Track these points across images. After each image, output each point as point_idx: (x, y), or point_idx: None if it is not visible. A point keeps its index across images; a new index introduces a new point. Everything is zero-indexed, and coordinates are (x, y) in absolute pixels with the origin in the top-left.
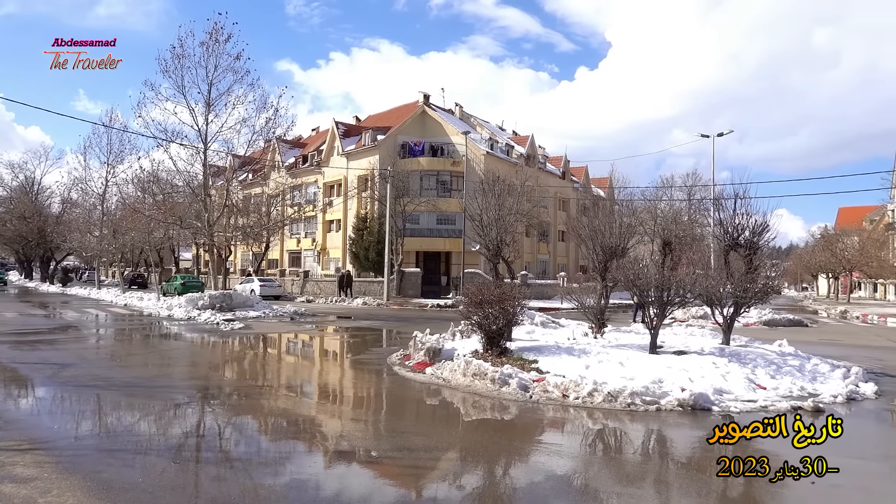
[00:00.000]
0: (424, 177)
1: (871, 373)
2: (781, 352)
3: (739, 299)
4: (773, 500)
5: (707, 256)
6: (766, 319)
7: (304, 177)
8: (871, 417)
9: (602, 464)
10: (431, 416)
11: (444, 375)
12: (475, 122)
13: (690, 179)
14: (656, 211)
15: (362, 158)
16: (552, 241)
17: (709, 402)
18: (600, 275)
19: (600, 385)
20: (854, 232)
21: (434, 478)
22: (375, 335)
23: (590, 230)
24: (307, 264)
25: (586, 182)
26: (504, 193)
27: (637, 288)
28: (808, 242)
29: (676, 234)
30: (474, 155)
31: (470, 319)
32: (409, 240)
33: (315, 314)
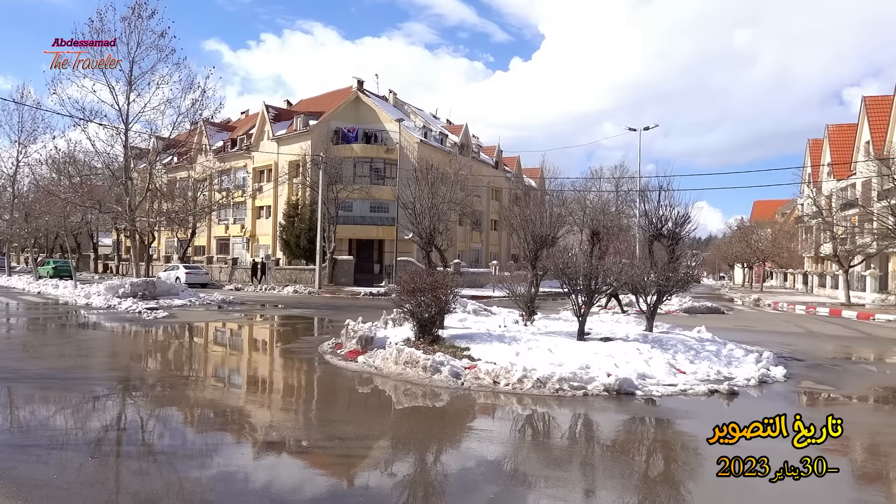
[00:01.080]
0: (358, 164)
1: (781, 357)
2: (700, 338)
3: (662, 287)
4: (691, 481)
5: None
6: (686, 307)
7: (233, 161)
8: (781, 399)
9: (531, 448)
10: (363, 404)
11: (376, 364)
12: (409, 109)
13: (618, 171)
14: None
15: (294, 144)
16: (485, 230)
17: (633, 386)
18: (531, 263)
19: (530, 371)
20: (767, 224)
21: (366, 466)
22: (306, 324)
23: (521, 219)
24: (236, 251)
25: (519, 172)
26: (437, 182)
27: (566, 276)
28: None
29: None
30: (408, 143)
31: (402, 307)
32: (341, 227)
33: (244, 302)
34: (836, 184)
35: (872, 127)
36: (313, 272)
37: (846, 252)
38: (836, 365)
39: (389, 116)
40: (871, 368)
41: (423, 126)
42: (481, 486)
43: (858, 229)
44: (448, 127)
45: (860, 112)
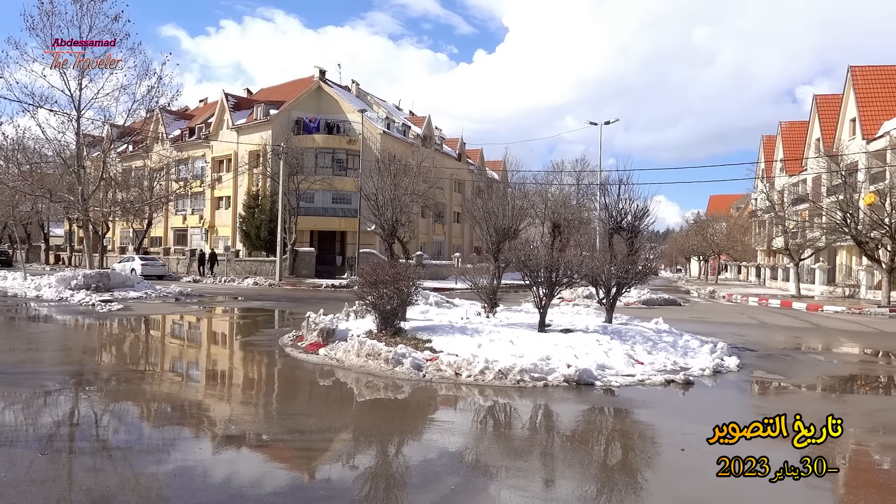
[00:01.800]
0: (319, 154)
1: (735, 347)
2: (657, 329)
3: (621, 280)
4: (648, 468)
5: (593, 239)
6: (644, 299)
7: (191, 150)
8: (734, 388)
9: (492, 439)
10: (324, 397)
11: (338, 356)
12: (372, 100)
13: (579, 165)
14: (547, 195)
15: (254, 133)
16: (447, 222)
17: (592, 377)
18: (493, 256)
19: (491, 363)
20: (722, 218)
21: (327, 459)
22: (267, 316)
23: (484, 212)
24: (194, 242)
25: (481, 164)
26: (400, 173)
27: (528, 269)
28: (683, 227)
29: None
30: (371, 134)
31: (364, 300)
32: (303, 218)
33: (202, 294)
34: (788, 179)
35: (823, 124)
36: (274, 264)
37: (797, 246)
38: (787, 355)
39: (352, 107)
40: (819, 358)
41: (386, 117)
42: (443, 477)
43: (809, 224)
44: (411, 118)
45: (811, 110)
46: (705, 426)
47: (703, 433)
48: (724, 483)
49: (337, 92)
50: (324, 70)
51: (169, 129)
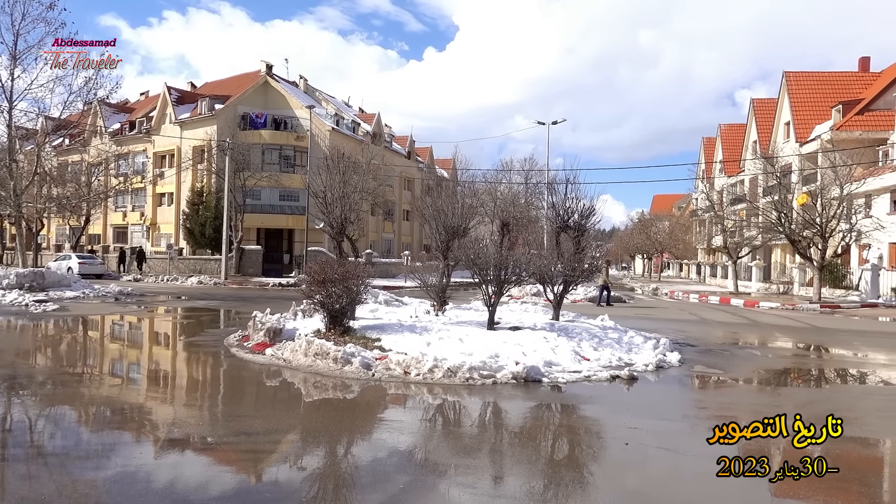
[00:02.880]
0: (266, 150)
1: (676, 343)
2: (603, 326)
3: (568, 277)
4: (594, 463)
5: (541, 237)
6: (591, 296)
7: (132, 145)
8: (675, 383)
9: (442, 437)
10: (271, 398)
11: (285, 356)
12: (321, 96)
13: (528, 164)
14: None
15: (198, 128)
16: (397, 220)
17: (540, 374)
18: (443, 254)
19: (441, 361)
20: (665, 217)
21: (274, 461)
22: (212, 316)
23: (433, 210)
24: (135, 240)
25: (431, 163)
26: (349, 171)
27: (477, 267)
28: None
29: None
30: (319, 130)
31: (313, 298)
32: (249, 216)
33: (144, 294)
34: (727, 180)
35: (759, 127)
36: (219, 262)
37: (735, 244)
38: (725, 350)
39: (300, 103)
40: (755, 353)
41: (335, 114)
42: (392, 477)
43: (746, 223)
44: (360, 115)
45: (749, 113)
46: (649, 420)
47: (646, 427)
48: (667, 476)
49: (284, 87)
50: (271, 65)
51: (108, 122)
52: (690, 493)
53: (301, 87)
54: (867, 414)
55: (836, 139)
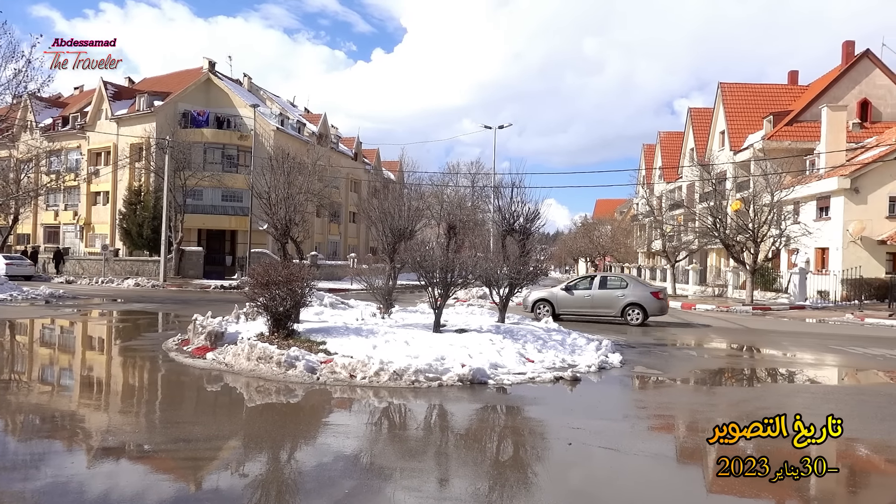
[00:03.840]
0: (209, 149)
1: (618, 344)
2: (547, 328)
3: (514, 280)
4: (538, 463)
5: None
6: None
7: (64, 141)
8: (617, 383)
9: (387, 441)
10: (212, 403)
11: (227, 360)
12: (265, 95)
13: (474, 167)
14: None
15: (136, 125)
16: (343, 222)
17: (485, 376)
18: (389, 256)
19: (387, 364)
20: (607, 221)
21: (215, 468)
22: (149, 319)
23: (380, 212)
24: (68, 241)
25: (378, 165)
26: (294, 171)
27: (423, 269)
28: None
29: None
30: (263, 130)
31: (256, 301)
32: (190, 216)
33: (77, 296)
34: (665, 186)
35: (696, 136)
36: (158, 264)
37: (673, 248)
38: (664, 351)
39: (244, 101)
40: (692, 353)
41: (280, 113)
42: (338, 482)
43: (684, 228)
44: (306, 116)
45: (686, 122)
46: (591, 420)
47: (589, 427)
48: (608, 475)
49: (228, 85)
50: (213, 62)
51: (39, 117)
52: (631, 492)
53: (245, 86)
54: (794, 411)
55: (768, 148)
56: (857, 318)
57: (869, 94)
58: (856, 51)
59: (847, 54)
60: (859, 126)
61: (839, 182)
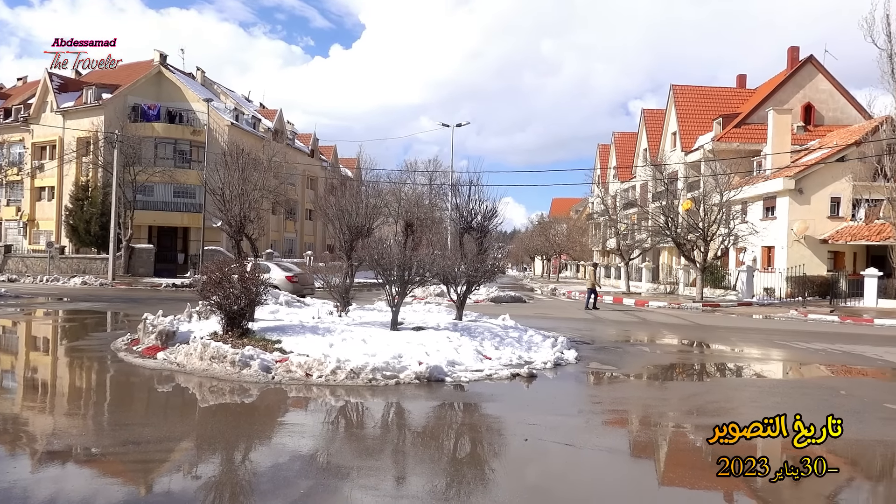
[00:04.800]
0: (160, 144)
1: (573, 341)
2: (504, 325)
3: (471, 278)
4: (495, 459)
5: (445, 238)
6: (492, 296)
7: (7, 134)
8: (572, 379)
9: (344, 440)
10: (163, 404)
11: (179, 360)
12: (219, 89)
13: (433, 165)
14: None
15: (83, 118)
16: (299, 220)
17: (443, 373)
18: (346, 254)
19: (343, 363)
20: (563, 220)
21: (166, 470)
22: (97, 318)
23: (337, 210)
24: (10, 237)
25: (335, 161)
26: (249, 167)
27: (381, 267)
28: (528, 228)
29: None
30: (217, 125)
31: (209, 299)
32: (140, 213)
33: (20, 295)
34: (620, 185)
35: (649, 136)
36: (106, 262)
37: (627, 246)
38: (618, 347)
39: (196, 95)
40: (645, 349)
41: (235, 108)
42: (294, 482)
43: (637, 226)
44: (262, 111)
45: (640, 123)
46: (547, 416)
47: (545, 423)
48: (564, 469)
49: (180, 79)
50: (165, 54)
51: None
52: (586, 486)
53: (198, 80)
54: (742, 404)
55: (717, 149)
56: (801, 314)
57: (812, 99)
58: (800, 57)
59: (792, 60)
60: (803, 129)
61: (784, 183)
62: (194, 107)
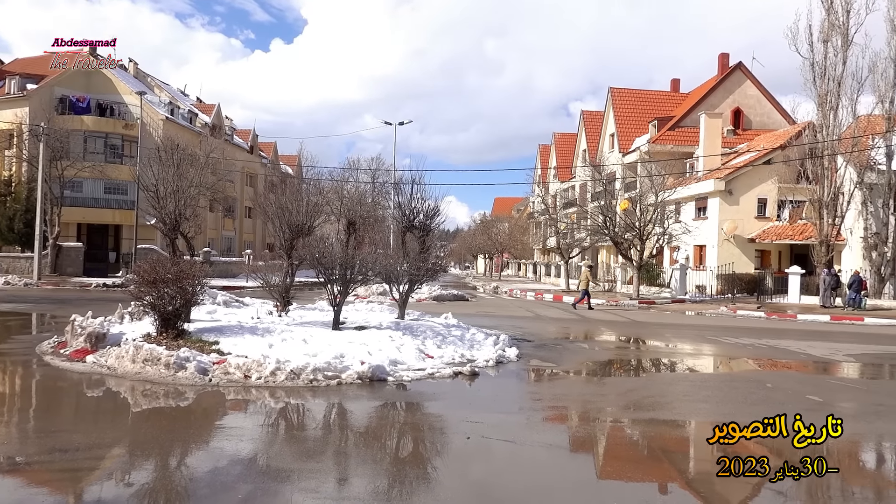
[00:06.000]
0: (90, 138)
1: (514, 339)
2: (447, 324)
3: (413, 277)
4: (437, 458)
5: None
6: (435, 295)
7: None
8: (514, 377)
9: (285, 442)
10: (94, 410)
11: (110, 363)
12: (153, 82)
13: (375, 163)
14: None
15: (6, 109)
16: (238, 218)
17: (385, 373)
18: (287, 252)
19: (283, 363)
20: (505, 219)
21: (97, 478)
22: (21, 320)
23: (277, 207)
24: None
25: (276, 158)
26: (185, 163)
27: (322, 266)
28: (471, 227)
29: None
30: (151, 119)
31: (142, 300)
32: (69, 210)
33: None
34: (560, 185)
35: (588, 137)
36: (31, 261)
37: (567, 245)
38: (558, 344)
39: (129, 88)
40: (584, 346)
41: (170, 102)
42: (233, 486)
43: (576, 225)
44: (199, 105)
45: (580, 124)
46: (489, 414)
47: (487, 421)
48: (505, 466)
49: (111, 70)
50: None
51: None
52: (527, 481)
53: (131, 72)
54: (676, 399)
55: (653, 151)
56: (731, 310)
57: (741, 104)
58: (730, 63)
59: (722, 65)
60: (733, 132)
61: (715, 184)
62: (127, 100)
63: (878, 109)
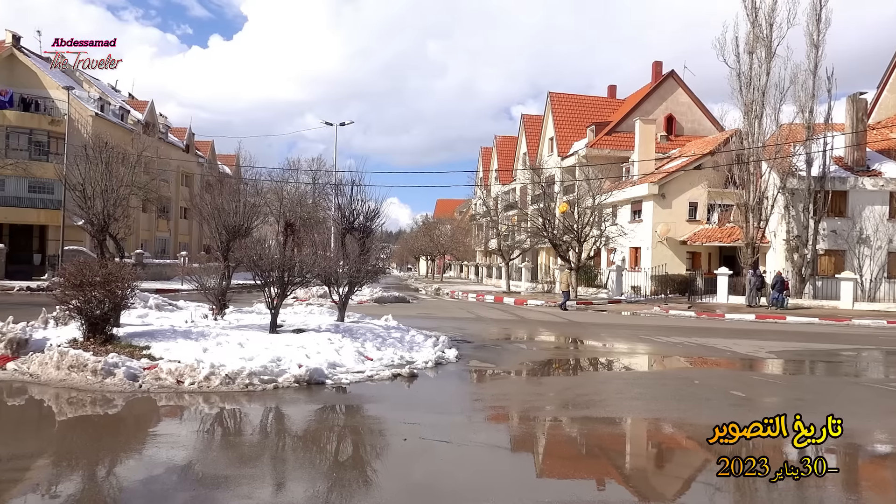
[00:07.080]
0: (12, 134)
1: (455, 340)
2: (387, 326)
3: (353, 279)
4: (376, 460)
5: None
6: (376, 297)
7: None
8: (453, 378)
9: (220, 448)
10: (15, 419)
11: (32, 370)
12: (82, 77)
13: (316, 164)
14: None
15: None
16: (173, 219)
17: (323, 376)
18: (223, 255)
19: (218, 368)
20: (447, 221)
21: (19, 492)
22: None
23: (213, 208)
24: None
25: (213, 158)
26: (115, 162)
27: (259, 268)
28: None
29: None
30: (80, 115)
31: (68, 304)
32: None
33: None
34: (501, 188)
35: (529, 141)
36: None
37: (507, 247)
38: (498, 345)
39: (55, 83)
40: (523, 346)
41: (100, 98)
42: (166, 496)
43: (517, 228)
44: (131, 102)
45: (520, 127)
46: (428, 415)
47: (425, 422)
48: (443, 466)
49: (36, 63)
50: (19, 36)
51: None
52: (466, 481)
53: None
54: (610, 396)
55: (590, 155)
56: (663, 310)
57: (673, 111)
58: (663, 71)
59: (656, 73)
60: (666, 138)
61: (649, 188)
62: (53, 94)
63: (798, 119)
